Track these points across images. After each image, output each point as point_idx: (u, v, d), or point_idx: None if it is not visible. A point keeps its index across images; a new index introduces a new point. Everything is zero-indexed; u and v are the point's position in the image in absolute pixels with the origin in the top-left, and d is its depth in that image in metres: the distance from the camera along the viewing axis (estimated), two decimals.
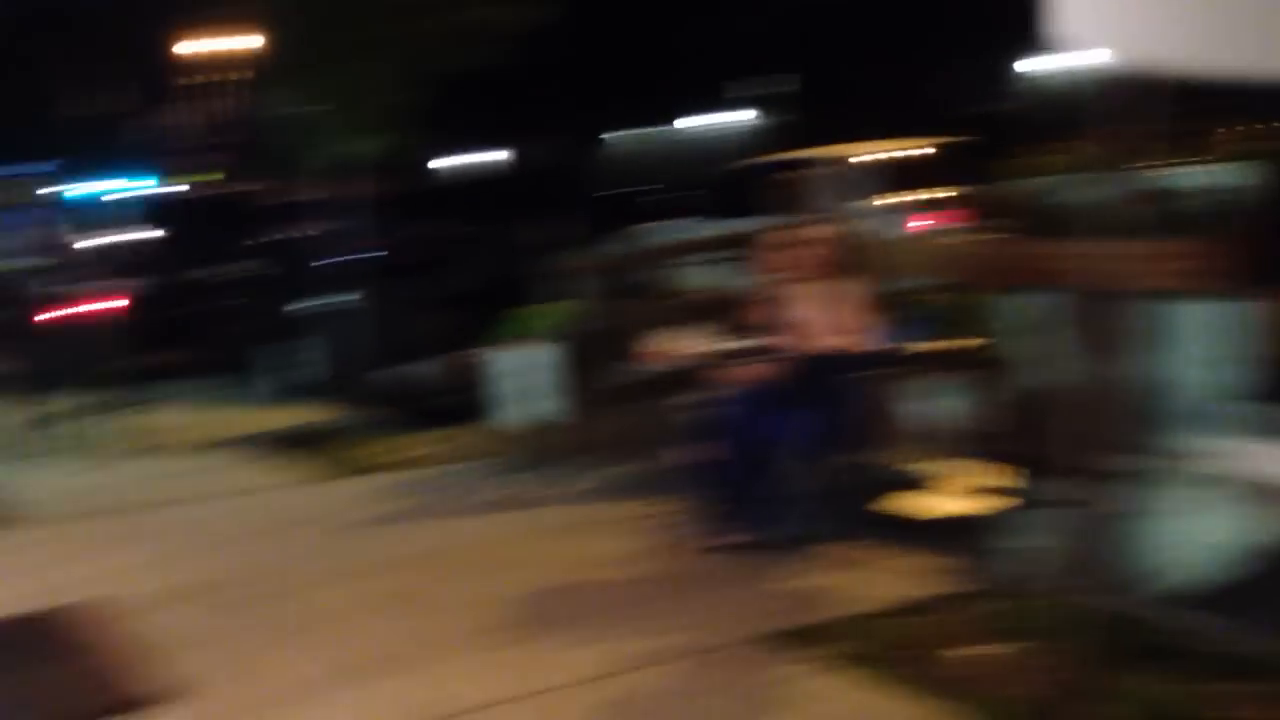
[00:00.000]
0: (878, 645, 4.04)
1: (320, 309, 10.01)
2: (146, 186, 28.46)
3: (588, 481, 6.65)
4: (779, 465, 5.09)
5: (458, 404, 9.42)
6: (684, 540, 5.40)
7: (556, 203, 16.23)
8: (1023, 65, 25.66)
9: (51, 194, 26.83)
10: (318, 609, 4.84)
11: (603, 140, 31.48)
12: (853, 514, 5.15)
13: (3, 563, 5.78)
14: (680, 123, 31.38)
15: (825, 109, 23.60)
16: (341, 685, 4.05)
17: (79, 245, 16.82)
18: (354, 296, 8.77)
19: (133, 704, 3.97)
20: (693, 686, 3.91)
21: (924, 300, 6.87)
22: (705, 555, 5.21)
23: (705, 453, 5.31)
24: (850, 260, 5.56)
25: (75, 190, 23.22)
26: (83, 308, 11.24)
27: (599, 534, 5.68)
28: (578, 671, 4.05)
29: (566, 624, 4.54)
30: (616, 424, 6.82)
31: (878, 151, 11.25)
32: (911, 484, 5.96)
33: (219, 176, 37.26)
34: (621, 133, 32.02)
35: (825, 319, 4.97)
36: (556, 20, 19.42)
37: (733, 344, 5.53)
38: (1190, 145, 6.41)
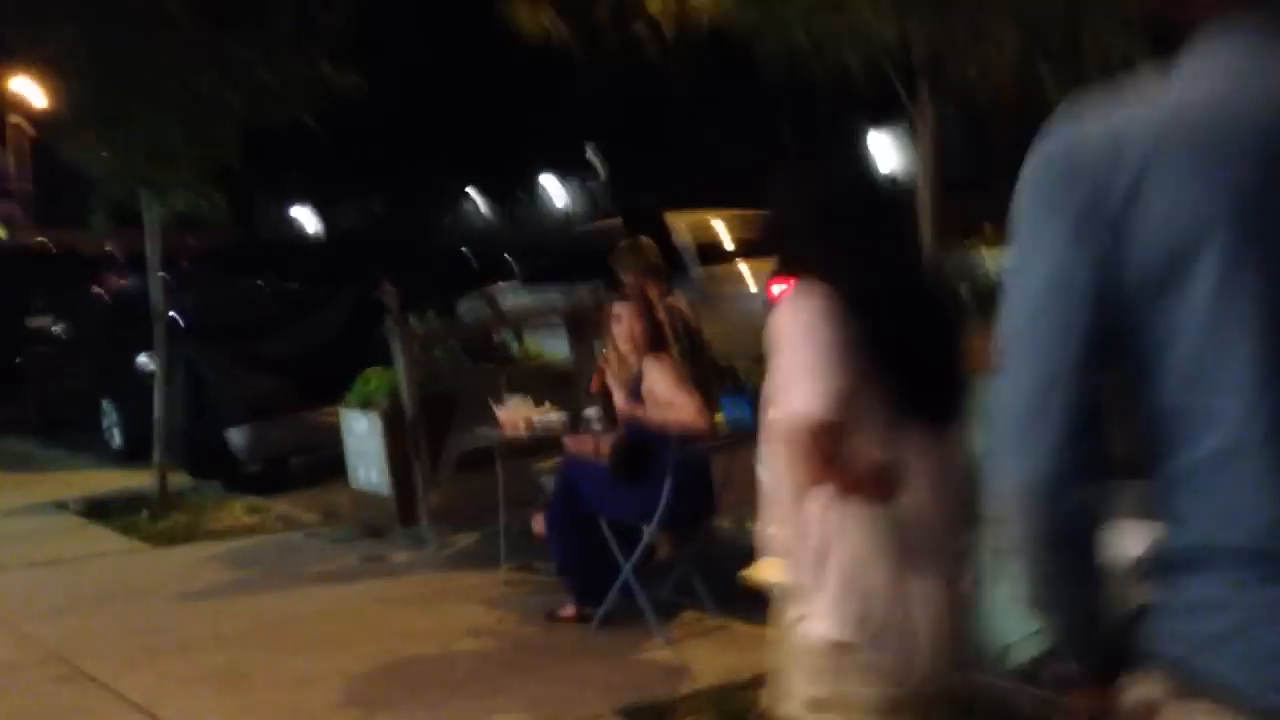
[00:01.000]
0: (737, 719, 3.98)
1: (137, 367, 9.53)
2: None
3: (433, 549, 6.44)
4: (622, 537, 5.00)
5: (291, 469, 9.07)
6: (531, 611, 5.26)
7: (395, 262, 15.98)
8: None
9: None
10: (135, 690, 4.50)
11: (442, 200, 31.30)
12: (703, 585, 5.10)
13: None
14: (522, 186, 31.53)
15: (665, 175, 24.08)
16: None
17: None
18: (170, 355, 8.32)
19: None
20: None
21: (755, 372, 6.97)
22: (553, 626, 5.08)
23: (550, 522, 5.20)
24: (684, 331, 5.57)
25: None
26: None
27: (443, 604, 5.49)
28: None
29: (407, 700, 4.34)
30: (463, 490, 6.64)
31: (720, 218, 11.47)
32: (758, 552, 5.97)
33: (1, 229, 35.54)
34: (467, 193, 31.96)
35: (656, 391, 4.92)
36: (387, 83, 19.35)
37: (568, 414, 5.46)
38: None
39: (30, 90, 29.23)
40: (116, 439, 10.20)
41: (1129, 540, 1.34)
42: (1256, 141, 1.22)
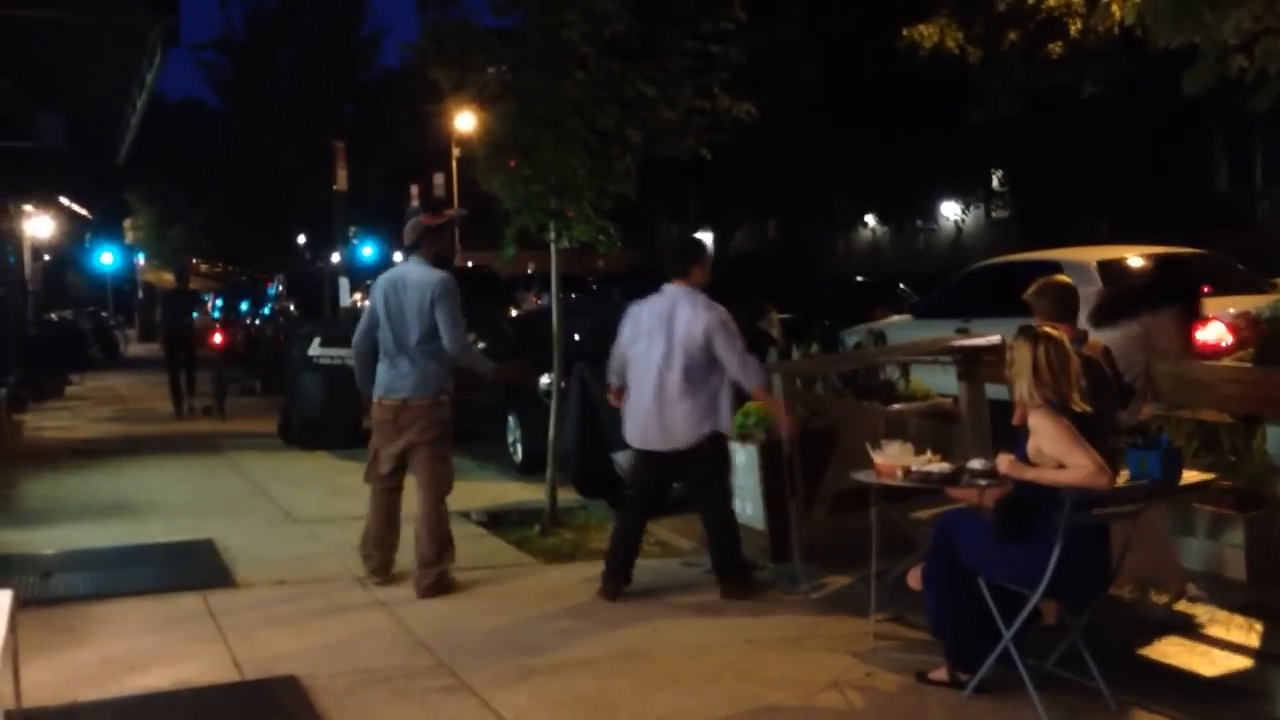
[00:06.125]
0: None
1: (540, 385, 10.07)
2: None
3: (804, 589, 6.31)
4: (1004, 598, 4.62)
5: (674, 493, 9.24)
6: (900, 668, 5.00)
7: (785, 289, 15.97)
8: None
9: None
10: (509, 709, 4.67)
11: (836, 227, 31.14)
12: (1095, 660, 4.61)
13: (217, 627, 5.90)
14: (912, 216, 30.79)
15: (1062, 205, 22.64)
16: None
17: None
18: (572, 375, 8.73)
19: None
20: None
21: (1168, 427, 6.26)
22: (923, 689, 4.79)
23: (927, 577, 4.90)
24: (1093, 381, 5.05)
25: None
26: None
27: (810, 651, 5.33)
28: None
29: None
30: (839, 529, 6.46)
31: (1134, 256, 10.51)
32: (1167, 630, 5.37)
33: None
34: (864, 220, 31.65)
35: (1045, 451, 4.48)
36: (783, 107, 19.30)
37: (951, 465, 5.11)
38: None
39: (467, 124, 32.13)
40: (518, 453, 10.86)
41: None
42: (386, 286, 6.58)
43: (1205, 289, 6.24)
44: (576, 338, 10.37)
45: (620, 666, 5.19)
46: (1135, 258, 10.46)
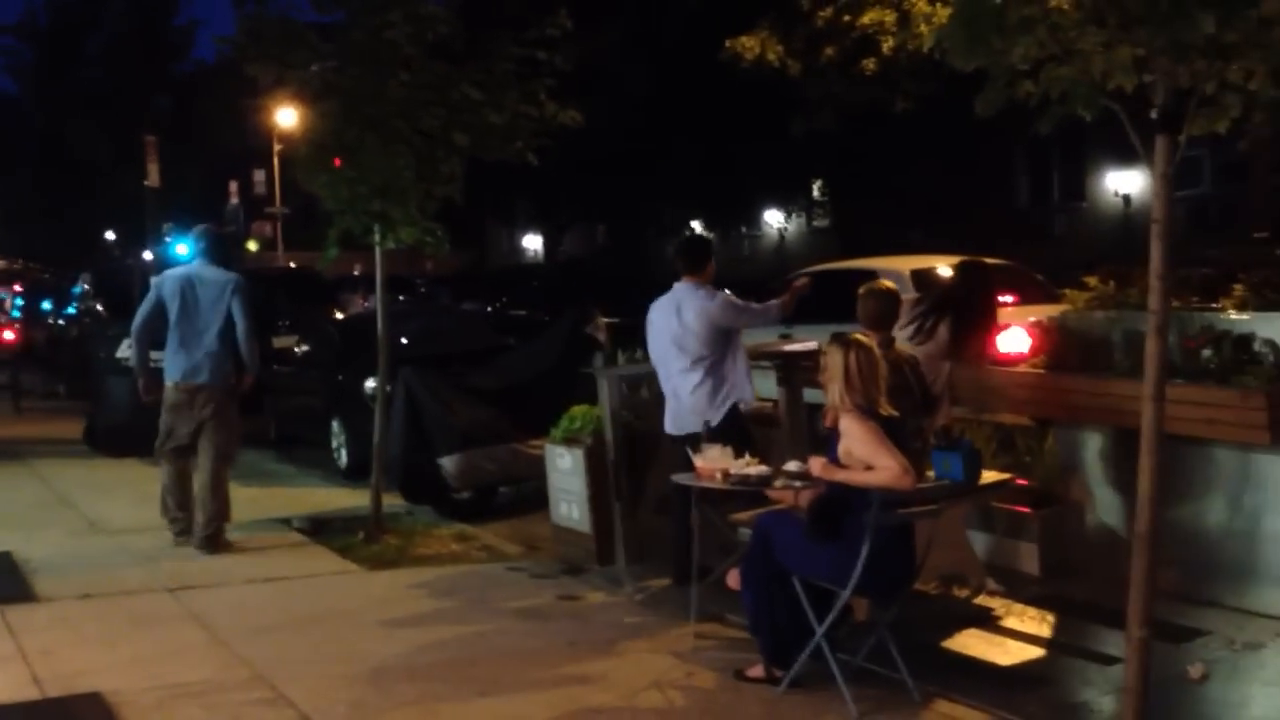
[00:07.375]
0: None
1: (365, 390, 9.93)
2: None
3: (628, 591, 6.40)
4: (817, 597, 4.80)
5: (500, 498, 9.24)
6: (719, 667, 5.13)
7: (613, 293, 16.09)
8: (1106, 180, 25.30)
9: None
10: (326, 718, 4.60)
11: (664, 232, 31.50)
12: (900, 653, 4.83)
13: (16, 644, 5.60)
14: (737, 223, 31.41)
15: (878, 214, 23.52)
16: None
17: None
18: (397, 379, 8.63)
19: None
20: None
21: (969, 429, 6.61)
22: (740, 686, 4.93)
23: (744, 577, 5.04)
24: (895, 385, 5.29)
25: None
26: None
27: (632, 653, 5.42)
28: None
29: None
30: (663, 532, 6.57)
31: (944, 265, 10.99)
32: (967, 623, 5.65)
33: (254, 247, 37.85)
34: (690, 225, 32.05)
35: (854, 453, 4.68)
36: (612, 115, 19.48)
37: (768, 468, 5.28)
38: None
39: (290, 119, 31.27)
40: (343, 459, 10.66)
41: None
42: (181, 282, 7.56)
43: (1002, 293, 6.63)
44: (404, 341, 10.25)
45: (443, 673, 5.17)
46: (945, 267, 10.95)
